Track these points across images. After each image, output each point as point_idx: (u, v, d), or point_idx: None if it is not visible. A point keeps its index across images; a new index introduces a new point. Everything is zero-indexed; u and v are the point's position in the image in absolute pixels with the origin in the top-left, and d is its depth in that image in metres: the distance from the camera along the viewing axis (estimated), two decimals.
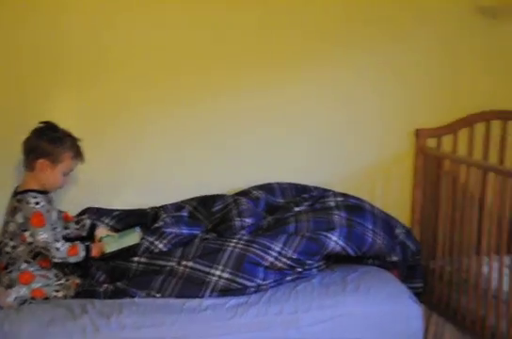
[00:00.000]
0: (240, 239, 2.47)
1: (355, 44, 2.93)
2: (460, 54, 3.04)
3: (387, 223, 2.69)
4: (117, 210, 2.74)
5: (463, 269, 2.68)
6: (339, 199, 2.75)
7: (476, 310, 2.57)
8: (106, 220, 2.68)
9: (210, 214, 2.73)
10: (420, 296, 2.67)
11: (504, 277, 2.50)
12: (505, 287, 2.46)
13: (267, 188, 2.87)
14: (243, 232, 2.57)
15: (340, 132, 3.00)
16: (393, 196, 3.05)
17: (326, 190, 2.87)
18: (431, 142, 3.04)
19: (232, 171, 2.91)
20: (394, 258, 2.61)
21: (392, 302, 2.39)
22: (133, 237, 2.53)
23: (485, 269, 2.59)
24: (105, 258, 2.47)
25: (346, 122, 3.00)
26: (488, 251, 2.57)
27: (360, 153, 3.03)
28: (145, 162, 2.82)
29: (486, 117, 3.03)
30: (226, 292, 2.35)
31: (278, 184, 2.91)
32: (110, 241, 2.51)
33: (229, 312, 2.27)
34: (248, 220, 2.62)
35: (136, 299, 2.31)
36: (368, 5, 2.91)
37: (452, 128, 3.03)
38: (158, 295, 2.33)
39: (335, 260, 2.62)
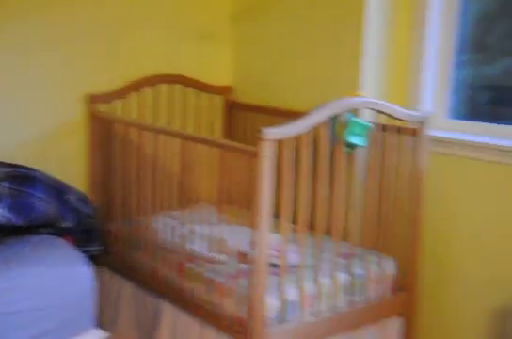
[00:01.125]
0: None
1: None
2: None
3: (58, 190, 2.65)
4: None
5: (137, 228, 2.80)
6: (5, 169, 2.62)
7: (149, 263, 2.71)
8: None
9: None
10: (99, 258, 2.72)
11: (168, 229, 2.69)
12: (169, 238, 2.65)
13: None
14: None
15: (6, 100, 2.84)
16: (69, 162, 3.01)
17: None
18: (105, 107, 3.07)
19: None
20: (67, 224, 2.61)
21: (63, 267, 2.37)
22: None
23: (156, 225, 2.74)
24: None
25: (12, 89, 2.85)
26: (160, 208, 2.72)
27: (31, 121, 2.92)
28: None
29: (152, 81, 3.15)
30: None
31: None
32: None
33: None
34: None
35: None
36: None
37: (122, 93, 3.08)
38: None
39: (7, 233, 2.51)
